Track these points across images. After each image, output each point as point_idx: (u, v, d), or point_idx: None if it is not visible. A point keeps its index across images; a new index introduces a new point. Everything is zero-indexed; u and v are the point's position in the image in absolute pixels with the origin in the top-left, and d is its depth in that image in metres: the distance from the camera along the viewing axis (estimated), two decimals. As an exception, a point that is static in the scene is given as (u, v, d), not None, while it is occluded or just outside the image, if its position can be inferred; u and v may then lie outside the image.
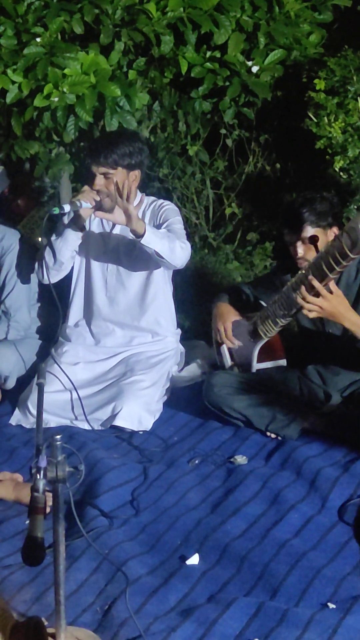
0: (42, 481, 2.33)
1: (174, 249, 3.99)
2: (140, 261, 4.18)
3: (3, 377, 4.35)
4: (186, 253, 4.07)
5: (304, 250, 3.81)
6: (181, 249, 4.01)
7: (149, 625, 2.71)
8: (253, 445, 3.86)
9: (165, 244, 3.95)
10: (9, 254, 4.40)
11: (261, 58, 4.76)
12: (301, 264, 3.78)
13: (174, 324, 4.44)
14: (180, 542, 3.20)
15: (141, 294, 4.30)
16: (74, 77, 4.33)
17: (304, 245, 3.81)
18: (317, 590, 2.91)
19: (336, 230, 3.84)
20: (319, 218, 3.81)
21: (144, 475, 3.65)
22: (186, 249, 4.06)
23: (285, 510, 3.35)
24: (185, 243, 4.07)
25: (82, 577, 2.96)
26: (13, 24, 4.40)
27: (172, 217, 4.19)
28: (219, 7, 4.58)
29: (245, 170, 5.99)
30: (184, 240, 4.08)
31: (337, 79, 5.12)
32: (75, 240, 4.17)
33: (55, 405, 4.05)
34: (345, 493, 3.45)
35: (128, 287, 4.29)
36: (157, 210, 4.22)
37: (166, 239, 3.98)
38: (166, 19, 4.50)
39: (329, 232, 3.83)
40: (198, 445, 3.89)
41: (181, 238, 4.09)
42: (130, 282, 4.28)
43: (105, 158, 3.99)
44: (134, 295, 4.30)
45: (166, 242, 3.96)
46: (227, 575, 2.99)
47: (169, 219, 4.16)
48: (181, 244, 4.02)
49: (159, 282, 4.28)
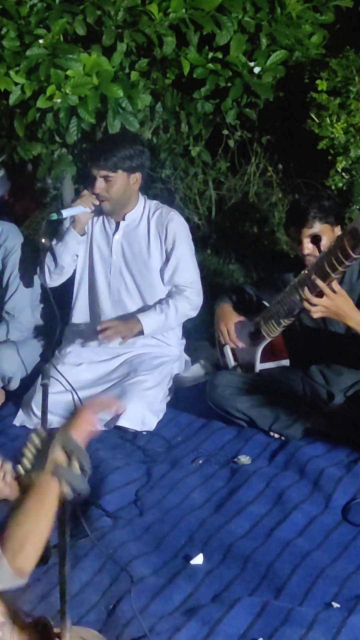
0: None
1: (182, 318, 4.24)
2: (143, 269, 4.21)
3: (7, 378, 4.35)
4: (194, 310, 4.27)
5: (311, 246, 3.82)
6: (189, 310, 4.23)
7: (153, 624, 2.71)
8: (256, 445, 3.87)
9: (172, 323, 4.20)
10: (12, 255, 4.40)
11: (263, 59, 4.77)
12: (309, 260, 3.78)
13: (178, 334, 4.45)
14: (184, 542, 3.21)
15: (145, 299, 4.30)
16: (76, 79, 4.34)
17: (311, 242, 3.82)
18: (321, 589, 2.91)
19: (339, 229, 3.85)
20: (327, 214, 3.82)
21: (148, 475, 3.65)
22: (194, 303, 4.23)
23: (289, 510, 3.36)
24: (192, 295, 4.22)
25: (87, 577, 2.97)
26: (15, 25, 4.40)
27: (181, 241, 4.21)
28: (221, 8, 4.59)
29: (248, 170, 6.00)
30: (191, 291, 4.22)
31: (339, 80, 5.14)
32: (75, 244, 4.18)
33: (59, 405, 4.03)
34: (349, 493, 3.45)
35: (132, 292, 4.30)
36: (164, 223, 4.20)
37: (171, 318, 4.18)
38: (168, 20, 4.50)
39: (335, 229, 3.84)
40: (202, 446, 3.89)
41: (191, 287, 4.22)
42: (134, 287, 4.29)
43: (105, 161, 4.00)
44: (138, 300, 4.31)
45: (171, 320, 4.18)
46: (231, 574, 3.00)
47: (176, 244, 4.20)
48: (190, 304, 4.20)
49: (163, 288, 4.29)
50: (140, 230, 4.22)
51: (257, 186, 6.05)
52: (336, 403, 3.94)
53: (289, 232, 4.02)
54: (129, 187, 4.09)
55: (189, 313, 4.26)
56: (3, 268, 4.43)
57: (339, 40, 5.43)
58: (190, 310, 4.25)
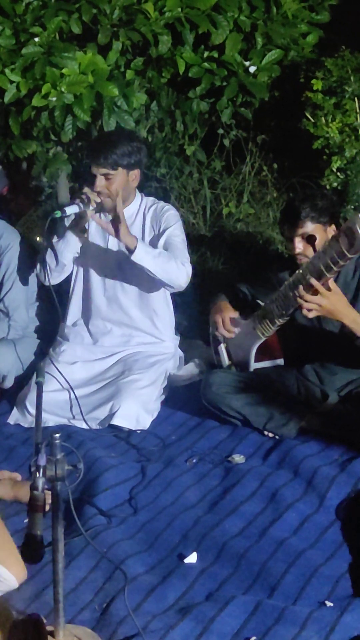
0: (41, 479, 2.34)
1: (168, 269, 3.99)
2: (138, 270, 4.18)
3: (1, 376, 4.35)
4: (183, 274, 4.04)
5: (303, 246, 3.82)
6: (177, 270, 4.01)
7: (147, 623, 2.71)
8: (251, 444, 3.87)
9: (159, 264, 3.96)
10: (8, 252, 4.39)
11: (259, 58, 4.78)
12: (300, 260, 3.79)
13: (172, 329, 4.44)
14: (178, 540, 3.21)
15: (140, 296, 4.30)
16: (71, 77, 4.34)
17: (303, 241, 3.82)
18: (314, 588, 2.91)
19: (334, 229, 3.86)
20: (320, 214, 3.82)
21: (142, 474, 3.65)
22: (184, 269, 4.04)
23: (282, 509, 3.36)
24: (184, 263, 4.06)
25: (81, 575, 2.97)
26: (11, 23, 4.41)
27: (173, 227, 4.18)
28: (217, 7, 4.60)
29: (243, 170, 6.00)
30: (183, 260, 4.07)
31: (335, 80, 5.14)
32: (76, 242, 4.17)
33: (54, 404, 4.05)
34: (343, 492, 3.46)
35: (127, 288, 4.30)
36: (159, 215, 4.21)
37: (161, 257, 3.98)
38: (164, 19, 4.51)
39: (328, 229, 3.84)
40: (196, 444, 3.89)
41: (180, 256, 4.08)
42: (130, 283, 4.29)
43: (105, 159, 4.00)
44: (133, 296, 4.30)
45: (160, 261, 3.97)
46: (225, 573, 3.00)
47: (169, 228, 4.16)
48: (178, 264, 4.02)
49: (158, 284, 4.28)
50: (135, 226, 4.21)
51: (252, 185, 6.05)
52: (330, 402, 3.95)
53: (282, 230, 4.02)
54: (128, 184, 4.09)
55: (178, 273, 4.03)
56: (-2, 265, 4.43)
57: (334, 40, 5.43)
58: (178, 270, 4.02)
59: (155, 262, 3.96)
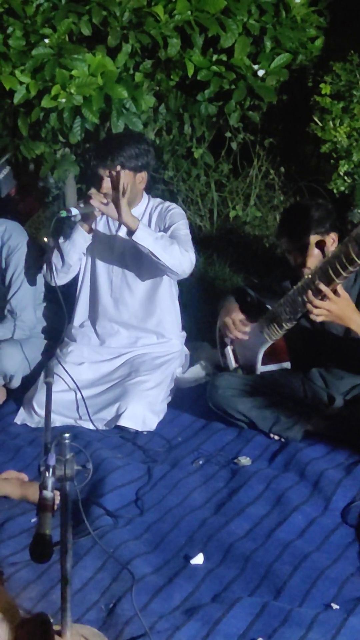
0: (51, 479, 2.34)
1: (172, 252, 3.98)
2: (145, 265, 4.18)
3: (8, 377, 4.36)
4: (187, 259, 4.04)
5: (304, 258, 3.82)
6: (181, 254, 4.00)
7: (153, 623, 2.72)
8: (257, 446, 3.88)
9: (160, 245, 3.95)
10: (16, 253, 4.40)
11: (267, 62, 4.79)
12: (302, 272, 3.79)
13: (179, 327, 4.46)
14: (184, 541, 3.21)
15: (146, 296, 4.31)
16: (81, 79, 4.35)
17: (304, 253, 3.82)
18: (320, 590, 2.92)
19: (334, 236, 3.85)
20: (318, 225, 3.82)
21: (149, 475, 3.66)
22: (187, 255, 4.04)
23: (288, 512, 3.36)
24: (187, 250, 4.05)
25: (88, 575, 2.98)
26: (22, 24, 4.42)
27: (178, 221, 4.19)
28: (226, 10, 4.61)
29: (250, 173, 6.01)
30: (186, 247, 4.07)
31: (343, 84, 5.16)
32: (83, 242, 4.18)
33: (60, 404, 4.05)
34: (349, 495, 3.46)
35: (133, 289, 4.31)
36: (164, 214, 4.22)
37: (163, 240, 3.98)
38: (173, 22, 4.52)
39: (327, 238, 3.84)
40: (202, 446, 3.90)
41: (184, 244, 4.07)
42: (136, 283, 4.30)
43: (112, 161, 4.00)
44: (139, 297, 4.32)
45: (162, 243, 3.96)
46: (231, 575, 3.01)
47: (174, 223, 4.17)
48: (181, 250, 4.01)
49: (165, 284, 4.29)
50: (142, 225, 4.22)
51: (259, 189, 6.06)
52: (336, 406, 3.95)
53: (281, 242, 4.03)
54: (135, 186, 4.09)
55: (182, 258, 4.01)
56: (6, 266, 4.43)
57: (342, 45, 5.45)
58: (182, 255, 4.00)
59: (157, 243, 3.95)
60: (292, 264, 3.90)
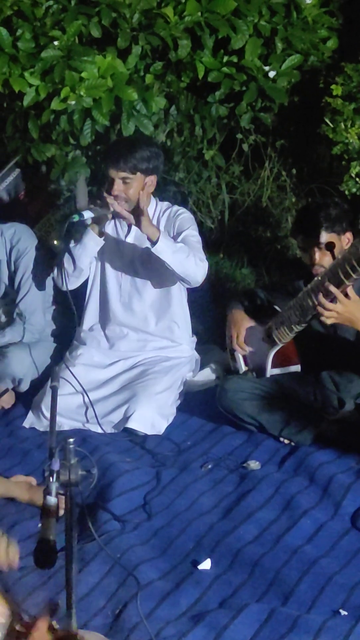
0: (55, 484, 2.33)
1: (187, 265, 3.98)
2: (155, 270, 4.17)
3: (17, 380, 4.35)
4: (201, 270, 4.05)
5: (319, 256, 3.81)
6: (196, 266, 4.00)
7: (160, 629, 2.71)
8: (266, 450, 3.86)
9: (178, 259, 3.95)
10: (25, 256, 4.40)
11: (278, 63, 4.76)
12: (317, 270, 3.77)
13: (189, 332, 4.44)
14: (192, 546, 3.20)
15: (156, 302, 4.30)
16: (91, 81, 4.34)
17: (319, 252, 3.81)
18: (328, 597, 2.90)
19: (350, 236, 3.84)
20: (334, 223, 3.81)
21: (157, 479, 3.64)
22: (202, 266, 4.04)
23: (297, 516, 3.34)
24: (202, 260, 4.06)
25: (94, 581, 2.96)
26: (31, 27, 4.40)
27: (188, 228, 4.17)
28: (237, 11, 4.58)
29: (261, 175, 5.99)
30: (201, 256, 4.07)
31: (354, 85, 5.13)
32: (94, 246, 4.17)
33: (69, 408, 4.04)
34: (358, 500, 3.44)
35: (143, 295, 4.30)
36: (173, 218, 4.21)
37: (181, 252, 3.97)
38: (184, 23, 4.50)
39: (342, 237, 3.83)
40: (211, 450, 3.88)
41: (198, 253, 4.08)
42: (145, 289, 4.29)
43: (125, 163, 4.00)
44: (149, 303, 4.31)
45: (180, 255, 3.96)
46: (239, 580, 2.99)
47: (184, 230, 4.15)
48: (197, 261, 4.01)
49: (174, 289, 4.28)
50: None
51: (271, 190, 6.04)
52: (347, 410, 3.93)
53: (297, 241, 4.01)
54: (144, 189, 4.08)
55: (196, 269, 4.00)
56: (15, 269, 4.43)
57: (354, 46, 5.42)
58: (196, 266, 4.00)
59: (175, 256, 3.95)
60: (307, 262, 3.89)
